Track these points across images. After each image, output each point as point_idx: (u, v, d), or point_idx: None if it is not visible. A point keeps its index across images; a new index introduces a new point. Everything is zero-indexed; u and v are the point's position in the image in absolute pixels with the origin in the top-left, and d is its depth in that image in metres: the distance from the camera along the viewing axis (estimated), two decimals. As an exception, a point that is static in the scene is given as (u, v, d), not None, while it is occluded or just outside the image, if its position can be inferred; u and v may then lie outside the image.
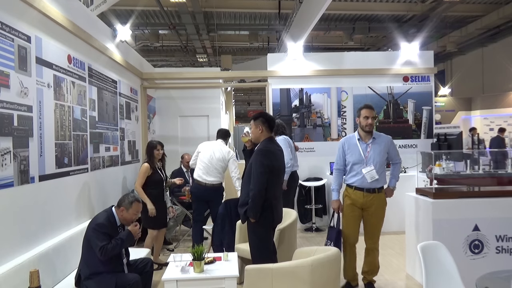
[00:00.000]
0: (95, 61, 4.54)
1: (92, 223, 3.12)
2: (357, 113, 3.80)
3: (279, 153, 3.38)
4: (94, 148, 4.43)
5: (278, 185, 3.39)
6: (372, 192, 3.70)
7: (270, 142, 3.36)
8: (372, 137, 3.74)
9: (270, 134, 3.40)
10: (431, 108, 7.11)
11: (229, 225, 4.65)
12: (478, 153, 4.89)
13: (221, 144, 5.16)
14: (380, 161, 3.70)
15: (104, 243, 2.97)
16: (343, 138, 3.95)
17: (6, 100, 2.79)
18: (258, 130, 3.36)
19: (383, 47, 13.17)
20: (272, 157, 3.27)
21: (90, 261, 3.03)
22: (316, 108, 7.07)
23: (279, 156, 3.37)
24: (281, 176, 3.46)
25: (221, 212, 4.73)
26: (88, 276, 3.00)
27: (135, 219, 3.26)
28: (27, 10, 3.12)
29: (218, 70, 8.98)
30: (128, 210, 3.18)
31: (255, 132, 3.38)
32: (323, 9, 6.02)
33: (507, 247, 3.66)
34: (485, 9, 10.48)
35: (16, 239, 2.90)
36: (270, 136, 3.39)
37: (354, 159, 3.72)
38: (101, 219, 3.11)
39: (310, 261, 2.72)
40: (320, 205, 6.65)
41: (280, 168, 3.37)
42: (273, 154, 3.29)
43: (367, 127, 3.70)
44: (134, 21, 9.76)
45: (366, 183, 3.67)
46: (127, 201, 3.20)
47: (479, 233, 3.65)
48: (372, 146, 3.71)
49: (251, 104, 24.66)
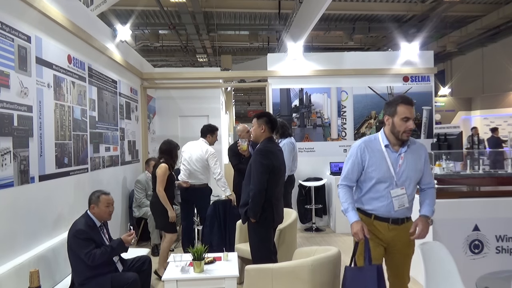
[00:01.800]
0: (95, 61, 4.54)
1: (71, 231, 3.00)
2: (388, 110, 2.52)
3: (279, 153, 3.38)
4: (94, 148, 4.43)
5: (279, 185, 3.38)
6: (400, 223, 2.56)
7: (270, 142, 3.36)
8: (407, 144, 2.55)
9: (271, 134, 3.40)
10: (431, 108, 7.11)
11: (217, 226, 4.65)
12: (478, 153, 4.89)
13: (200, 143, 4.92)
14: (415, 179, 2.58)
15: (89, 249, 2.90)
16: (361, 140, 2.67)
17: (6, 100, 2.79)
18: (260, 129, 3.34)
19: (383, 47, 13.17)
20: (272, 156, 3.26)
21: (78, 268, 2.95)
22: (316, 108, 7.07)
23: (279, 156, 3.36)
24: (282, 176, 3.44)
25: (209, 214, 4.73)
26: (81, 283, 2.93)
27: (111, 211, 3.19)
28: (27, 10, 3.12)
29: (218, 70, 8.98)
30: (98, 205, 3.11)
31: (257, 131, 3.36)
32: (323, 9, 6.02)
33: (507, 247, 3.65)
34: (485, 9, 10.48)
35: (16, 239, 2.90)
36: (270, 136, 3.39)
37: (380, 175, 2.52)
38: (79, 225, 3.00)
39: (310, 261, 2.71)
40: (320, 205, 6.65)
41: (280, 167, 3.36)
42: (273, 153, 3.28)
43: (405, 135, 2.47)
44: (134, 21, 9.76)
45: (393, 211, 2.53)
46: (94, 197, 3.14)
47: (479, 233, 3.65)
48: (406, 157, 2.54)
49: (251, 104, 24.65)
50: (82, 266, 2.92)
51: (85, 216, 3.12)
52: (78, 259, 2.92)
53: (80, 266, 2.93)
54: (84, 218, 3.10)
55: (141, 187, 5.47)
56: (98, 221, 3.13)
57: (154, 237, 5.30)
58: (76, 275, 2.96)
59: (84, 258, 2.88)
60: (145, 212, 5.34)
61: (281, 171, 3.38)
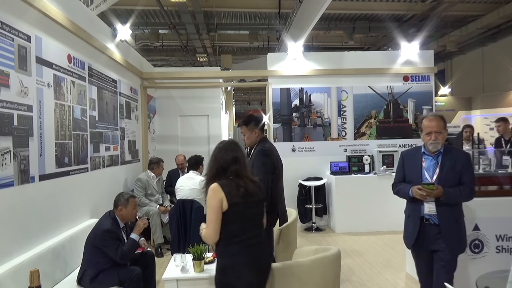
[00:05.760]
0: (95, 60, 4.54)
1: (97, 230, 3.17)
2: None
3: (277, 152, 3.42)
4: (94, 147, 4.43)
5: (280, 184, 3.40)
6: None
7: (266, 142, 3.40)
8: None
9: (264, 135, 3.44)
10: (431, 107, 7.11)
11: (183, 226, 4.60)
12: (478, 152, 4.88)
13: (192, 176, 4.90)
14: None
15: (118, 247, 3.12)
16: None
17: (6, 100, 2.79)
18: (254, 134, 3.36)
19: (383, 46, 13.15)
20: (273, 156, 3.29)
21: (94, 262, 3.11)
22: (316, 107, 7.07)
23: (277, 154, 3.39)
24: (281, 175, 3.45)
25: (172, 213, 4.72)
26: (94, 275, 3.09)
27: (136, 213, 3.38)
28: (27, 9, 3.12)
29: (218, 69, 8.98)
30: (126, 207, 3.28)
31: (251, 137, 3.37)
32: (323, 9, 6.01)
33: (507, 247, 3.65)
34: (485, 9, 10.47)
35: (16, 239, 2.90)
36: (264, 136, 3.43)
37: None
38: (108, 225, 3.18)
39: (310, 261, 2.72)
40: (320, 205, 6.65)
41: (279, 167, 3.38)
42: (273, 153, 3.32)
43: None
44: (134, 20, 9.74)
45: None
46: (123, 200, 3.29)
47: (479, 232, 3.64)
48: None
49: (251, 103, 24.63)
50: (99, 261, 3.10)
51: (112, 216, 3.28)
52: (98, 254, 3.10)
53: (97, 260, 3.10)
54: (110, 218, 3.26)
55: (141, 185, 5.47)
56: (121, 222, 3.30)
57: (157, 236, 5.26)
58: (90, 269, 3.11)
59: (114, 255, 3.09)
60: (146, 211, 5.33)
61: (280, 170, 3.40)
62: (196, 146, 7.76)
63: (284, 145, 6.96)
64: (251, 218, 2.31)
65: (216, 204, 2.19)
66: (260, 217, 2.40)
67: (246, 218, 2.27)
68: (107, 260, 3.12)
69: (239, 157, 2.32)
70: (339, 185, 6.41)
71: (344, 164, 6.72)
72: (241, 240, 2.23)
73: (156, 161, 5.74)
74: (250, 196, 2.26)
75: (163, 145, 7.96)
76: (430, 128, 2.77)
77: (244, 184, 2.26)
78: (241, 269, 2.21)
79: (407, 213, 2.91)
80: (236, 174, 2.28)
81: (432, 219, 2.74)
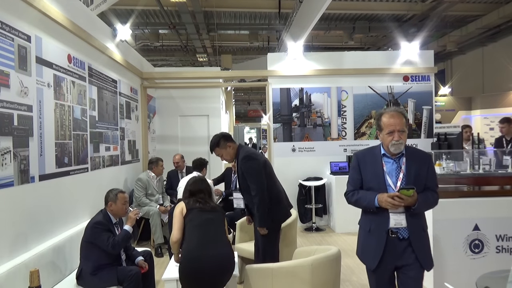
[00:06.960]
0: (95, 60, 4.54)
1: (89, 223, 3.23)
2: None
3: (258, 151, 3.49)
4: (94, 147, 4.43)
5: (273, 176, 3.47)
6: None
7: (242, 147, 3.48)
8: None
9: (237, 144, 3.49)
10: (431, 107, 7.11)
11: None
12: (478, 152, 4.88)
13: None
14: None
15: (109, 237, 3.13)
16: None
17: (6, 100, 2.79)
18: (229, 149, 3.43)
19: (383, 46, 13.15)
20: (255, 155, 3.37)
21: (92, 258, 3.13)
22: (316, 107, 7.07)
23: (258, 152, 3.49)
24: (272, 168, 3.51)
25: (172, 213, 4.72)
26: (92, 273, 3.10)
27: (126, 208, 3.41)
28: (27, 9, 3.12)
29: (218, 69, 8.97)
30: (116, 203, 3.32)
31: (228, 153, 3.43)
32: (323, 9, 6.01)
33: (507, 247, 3.65)
34: (485, 9, 10.47)
35: (16, 239, 2.90)
36: (238, 144, 3.50)
37: None
38: (98, 218, 3.24)
39: (310, 261, 2.72)
40: (320, 205, 6.65)
41: (266, 161, 3.46)
42: (255, 153, 3.41)
43: None
44: (134, 20, 9.74)
45: None
46: (112, 195, 3.35)
47: (479, 232, 3.65)
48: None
49: (251, 103, 24.63)
50: (96, 257, 3.12)
51: (103, 212, 3.33)
52: (93, 249, 3.12)
53: (94, 256, 3.12)
54: (101, 213, 3.31)
55: (142, 185, 5.46)
56: (114, 218, 3.34)
57: (157, 236, 5.25)
58: (88, 265, 3.12)
59: (105, 246, 3.09)
60: (146, 211, 5.32)
61: (269, 163, 3.49)
62: (196, 146, 7.77)
63: (284, 145, 6.96)
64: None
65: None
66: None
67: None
68: (103, 255, 3.13)
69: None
70: (339, 185, 6.40)
71: (344, 164, 6.72)
72: None
73: (154, 160, 5.75)
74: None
75: (163, 145, 7.96)
76: (392, 126, 2.34)
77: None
78: None
79: (368, 227, 2.45)
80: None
81: (400, 232, 2.34)
